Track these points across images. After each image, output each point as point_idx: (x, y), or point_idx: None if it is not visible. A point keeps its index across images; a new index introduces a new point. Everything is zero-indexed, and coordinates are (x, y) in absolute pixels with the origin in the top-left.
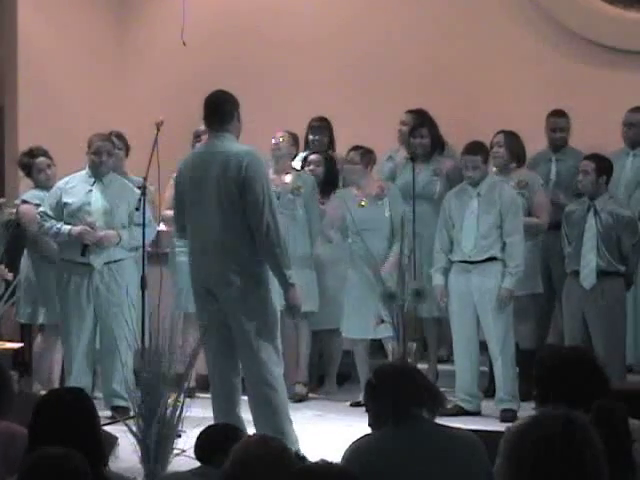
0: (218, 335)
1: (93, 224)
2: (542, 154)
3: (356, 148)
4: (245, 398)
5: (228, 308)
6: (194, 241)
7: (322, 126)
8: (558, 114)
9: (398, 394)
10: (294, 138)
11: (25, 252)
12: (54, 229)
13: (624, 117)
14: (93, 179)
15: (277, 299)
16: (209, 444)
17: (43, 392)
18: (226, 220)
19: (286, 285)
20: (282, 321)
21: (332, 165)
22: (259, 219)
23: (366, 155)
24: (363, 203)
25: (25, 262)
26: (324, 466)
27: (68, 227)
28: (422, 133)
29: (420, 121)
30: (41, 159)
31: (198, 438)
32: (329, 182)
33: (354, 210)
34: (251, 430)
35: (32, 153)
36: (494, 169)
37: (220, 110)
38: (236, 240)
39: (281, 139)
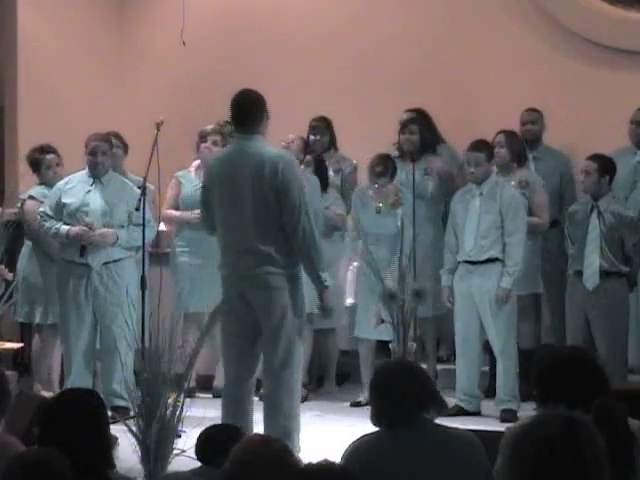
0: (242, 334)
1: (91, 224)
2: None
3: (383, 172)
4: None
5: (259, 308)
6: (227, 242)
7: (322, 126)
8: (531, 109)
9: (399, 394)
10: (305, 144)
11: (22, 251)
12: (53, 229)
13: (632, 115)
14: (92, 179)
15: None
16: (210, 444)
17: (43, 392)
18: (261, 222)
19: (321, 287)
20: None
21: (323, 166)
22: (296, 223)
23: (394, 172)
24: (381, 205)
25: (22, 261)
26: (325, 466)
27: (66, 228)
28: (411, 130)
29: (411, 118)
30: (52, 156)
31: (199, 438)
32: (321, 182)
33: (368, 215)
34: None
35: (43, 149)
36: (495, 169)
37: (250, 112)
38: (270, 242)
39: (292, 142)
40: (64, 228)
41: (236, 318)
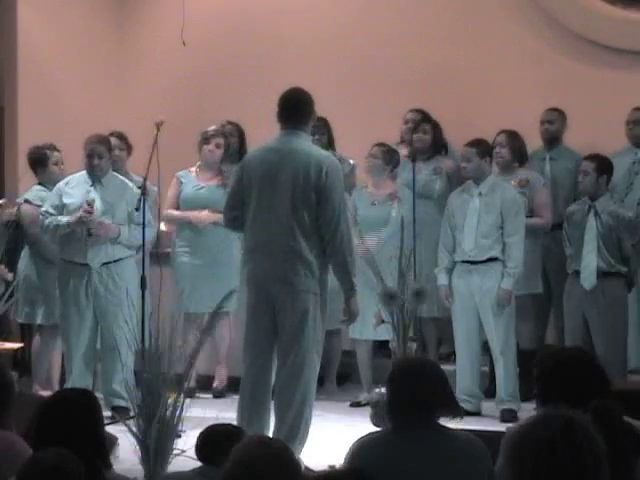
0: (264, 335)
1: (92, 202)
2: (537, 152)
3: (380, 145)
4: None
5: (285, 308)
6: (257, 237)
7: (320, 126)
8: (551, 109)
9: (415, 390)
10: None
11: (23, 252)
12: (54, 223)
13: (629, 115)
14: (92, 180)
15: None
16: (211, 444)
17: (43, 392)
18: (298, 223)
19: (351, 292)
20: None
21: None
22: (335, 227)
23: (388, 153)
24: (375, 203)
25: (23, 262)
26: (342, 471)
27: (67, 218)
28: (425, 129)
29: (424, 117)
30: (58, 153)
31: (199, 438)
32: None
33: (364, 207)
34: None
35: (50, 146)
36: (496, 169)
37: (298, 110)
38: (305, 245)
39: None
40: (65, 219)
41: (259, 321)
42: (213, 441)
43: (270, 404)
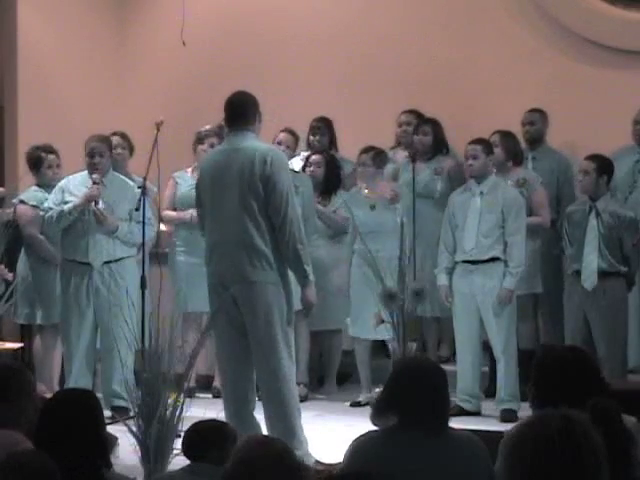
0: (233, 333)
1: (98, 179)
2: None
3: (367, 150)
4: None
5: (246, 304)
6: (212, 237)
7: (322, 126)
8: (532, 110)
9: (413, 393)
10: (295, 138)
11: (22, 252)
12: (57, 211)
13: (636, 115)
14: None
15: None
16: (197, 441)
17: (48, 393)
18: (248, 215)
19: (305, 281)
20: None
21: (334, 166)
22: (283, 215)
23: (378, 156)
24: (374, 205)
25: (22, 262)
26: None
27: (71, 204)
28: (424, 130)
29: (422, 118)
30: (53, 156)
31: (185, 437)
32: (330, 183)
33: (364, 212)
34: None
35: (45, 148)
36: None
37: (243, 111)
38: (257, 236)
39: (283, 140)
40: (69, 205)
41: (228, 320)
42: (199, 437)
43: (254, 401)
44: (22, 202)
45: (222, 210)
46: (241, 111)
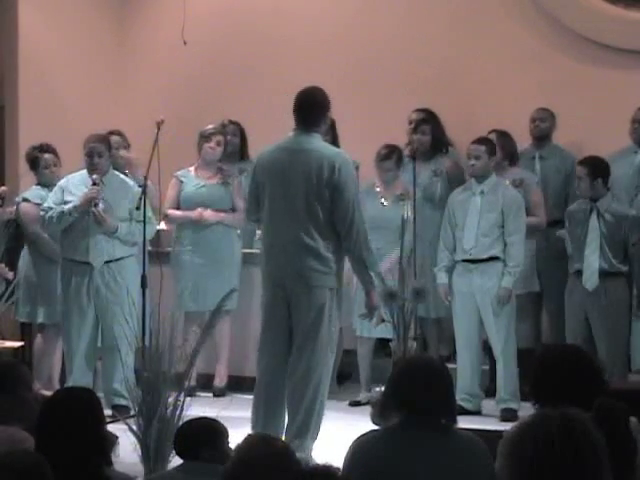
0: (280, 335)
1: (98, 180)
2: (526, 151)
3: (388, 155)
4: None
5: (299, 305)
6: (274, 240)
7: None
8: (542, 108)
9: (414, 393)
10: None
11: (23, 251)
12: (58, 211)
13: (634, 114)
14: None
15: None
16: (189, 439)
17: (43, 391)
18: (312, 220)
19: (370, 287)
20: None
21: None
22: (349, 222)
23: (400, 160)
24: (385, 202)
25: (24, 261)
26: (327, 470)
27: (71, 203)
28: (424, 130)
29: (424, 118)
30: (49, 155)
31: (176, 436)
32: None
33: (373, 206)
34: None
35: (42, 148)
36: None
37: (313, 112)
38: (320, 240)
39: None
40: (69, 205)
41: (275, 320)
42: (191, 436)
43: (285, 403)
44: (25, 200)
45: (285, 211)
46: (309, 112)
